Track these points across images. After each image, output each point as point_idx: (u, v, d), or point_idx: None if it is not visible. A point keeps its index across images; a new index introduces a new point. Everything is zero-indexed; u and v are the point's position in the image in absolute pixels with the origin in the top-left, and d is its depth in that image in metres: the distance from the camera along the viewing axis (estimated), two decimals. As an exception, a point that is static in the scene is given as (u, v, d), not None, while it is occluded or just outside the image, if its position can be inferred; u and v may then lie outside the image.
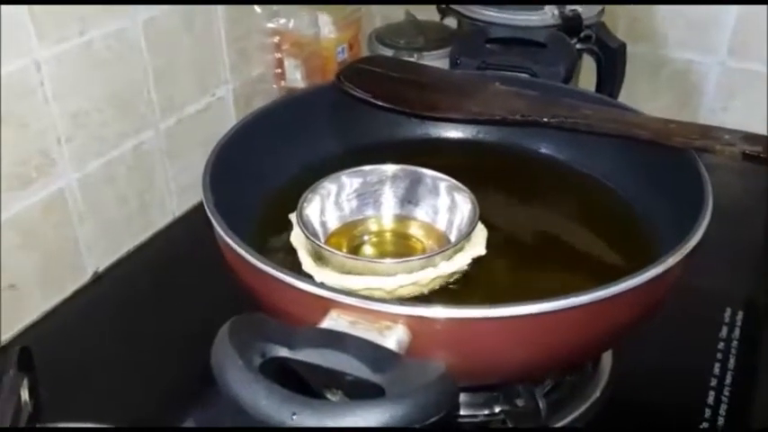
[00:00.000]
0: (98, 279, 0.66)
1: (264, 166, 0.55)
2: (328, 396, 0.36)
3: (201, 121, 0.74)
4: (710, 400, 0.52)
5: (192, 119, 0.73)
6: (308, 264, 0.48)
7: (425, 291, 0.46)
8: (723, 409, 0.51)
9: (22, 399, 0.45)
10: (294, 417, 0.31)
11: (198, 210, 0.74)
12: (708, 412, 0.51)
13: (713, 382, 0.53)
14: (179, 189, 0.74)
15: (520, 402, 0.48)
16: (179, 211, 0.75)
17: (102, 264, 0.67)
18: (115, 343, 0.59)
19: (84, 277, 0.66)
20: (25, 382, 0.46)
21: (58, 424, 0.48)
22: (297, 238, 0.50)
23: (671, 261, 0.40)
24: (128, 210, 0.69)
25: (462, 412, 0.49)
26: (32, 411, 0.46)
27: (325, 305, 0.39)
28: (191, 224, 0.74)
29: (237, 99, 0.78)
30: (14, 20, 0.54)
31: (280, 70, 0.82)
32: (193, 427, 0.51)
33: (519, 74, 0.63)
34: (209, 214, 0.45)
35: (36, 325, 0.61)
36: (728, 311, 0.59)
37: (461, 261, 0.47)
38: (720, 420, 0.51)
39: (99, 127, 0.64)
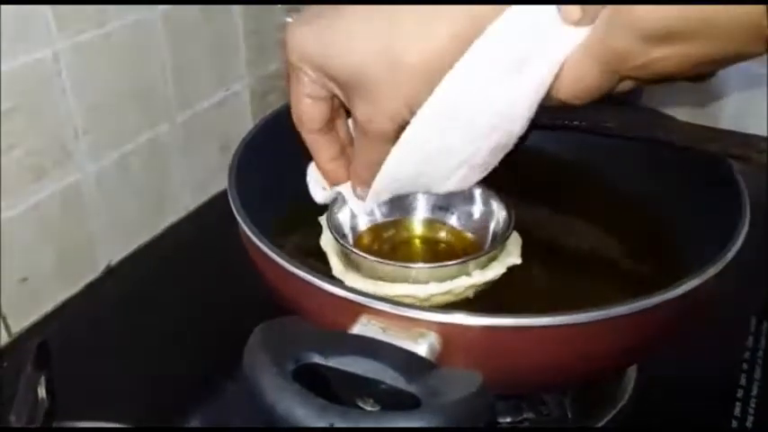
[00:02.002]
0: (110, 272, 0.66)
1: (290, 164, 0.54)
2: (359, 404, 0.35)
3: (217, 115, 0.73)
4: (737, 411, 0.51)
5: (208, 113, 0.72)
6: (337, 268, 0.47)
7: (457, 299, 0.45)
8: (750, 420, 0.51)
9: (39, 396, 0.45)
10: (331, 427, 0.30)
11: (212, 204, 0.74)
12: (735, 423, 0.50)
13: (739, 393, 0.53)
14: (193, 183, 0.73)
15: (545, 411, 0.47)
16: (193, 205, 0.74)
17: (115, 257, 0.67)
18: (127, 337, 0.58)
19: (97, 271, 0.65)
20: (42, 379, 0.45)
21: (75, 423, 0.47)
22: (327, 241, 0.49)
23: (711, 271, 0.39)
24: (142, 203, 0.68)
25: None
26: (49, 408, 0.45)
27: (356, 310, 0.38)
28: (204, 219, 0.73)
29: (253, 94, 0.77)
30: (34, 9, 0.53)
31: (297, 65, 0.81)
32: (196, 427, 0.50)
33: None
34: (236, 214, 0.44)
35: (48, 318, 0.60)
36: (754, 321, 0.58)
37: (497, 270, 0.46)
38: (747, 432, 0.50)
39: (116, 119, 0.63)
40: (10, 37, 0.52)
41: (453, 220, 0.51)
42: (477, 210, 0.51)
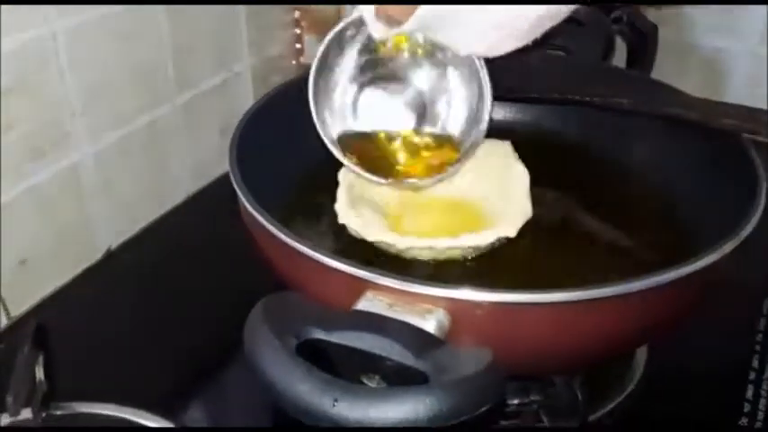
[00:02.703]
0: (110, 256, 0.65)
1: (291, 141, 0.53)
2: (364, 381, 0.34)
3: (218, 96, 0.72)
4: (749, 394, 0.50)
5: (209, 94, 0.71)
6: (342, 201, 0.48)
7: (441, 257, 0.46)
8: (763, 404, 0.49)
9: (37, 377, 0.44)
10: (336, 403, 0.29)
11: (212, 187, 0.73)
12: (747, 407, 0.49)
13: (752, 376, 0.51)
14: (194, 165, 0.72)
15: (554, 393, 0.46)
16: (193, 187, 0.73)
17: (116, 241, 0.66)
18: (126, 320, 0.58)
19: (97, 254, 0.64)
20: (40, 360, 0.44)
21: (74, 405, 0.46)
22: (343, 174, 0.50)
23: (728, 247, 0.38)
24: (141, 186, 0.67)
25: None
26: (47, 390, 0.44)
27: (362, 286, 0.37)
28: (205, 202, 0.72)
29: (255, 75, 0.76)
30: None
31: (299, 46, 0.80)
32: (195, 427, 0.49)
33: (555, 51, 0.60)
34: (238, 190, 0.43)
35: (47, 301, 0.60)
36: (766, 303, 0.57)
37: (485, 237, 0.46)
38: (760, 415, 0.49)
39: (115, 101, 0.62)
40: (7, 17, 0.51)
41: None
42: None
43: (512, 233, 0.47)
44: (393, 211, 0.51)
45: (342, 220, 0.47)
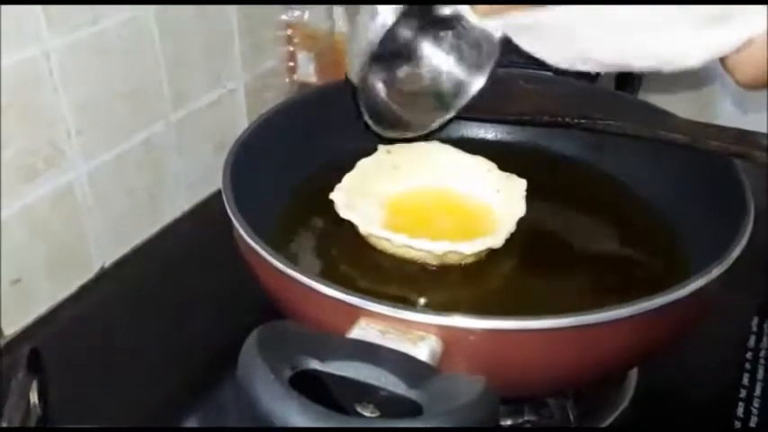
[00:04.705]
0: (105, 274, 0.65)
1: (285, 163, 0.53)
2: (359, 410, 0.34)
3: (212, 113, 0.72)
4: (740, 411, 0.51)
5: (203, 112, 0.71)
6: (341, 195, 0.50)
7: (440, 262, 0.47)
8: (753, 421, 0.50)
9: (31, 402, 0.44)
10: (331, 436, 0.29)
11: (207, 204, 0.73)
12: (737, 424, 0.50)
13: (742, 394, 0.52)
14: (188, 183, 0.72)
15: (547, 413, 0.46)
16: (188, 205, 0.73)
17: (109, 258, 0.66)
18: (121, 339, 0.58)
19: (91, 272, 0.64)
20: (34, 385, 0.44)
21: (66, 426, 0.46)
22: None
23: (716, 271, 0.39)
24: (136, 203, 0.67)
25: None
26: (41, 414, 0.44)
27: (355, 313, 0.37)
28: (199, 219, 0.72)
29: (249, 92, 0.76)
30: (24, 7, 0.52)
31: (292, 63, 0.80)
32: (195, 427, 0.49)
33: (544, 72, 0.61)
34: (231, 215, 0.44)
35: (41, 321, 0.59)
36: (756, 320, 0.58)
37: (476, 246, 0.47)
38: (751, 433, 0.49)
39: (109, 119, 0.62)
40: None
41: None
42: None
43: (498, 244, 0.48)
44: (393, 209, 0.52)
45: (341, 214, 0.48)
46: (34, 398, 0.44)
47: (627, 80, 0.72)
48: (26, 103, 0.54)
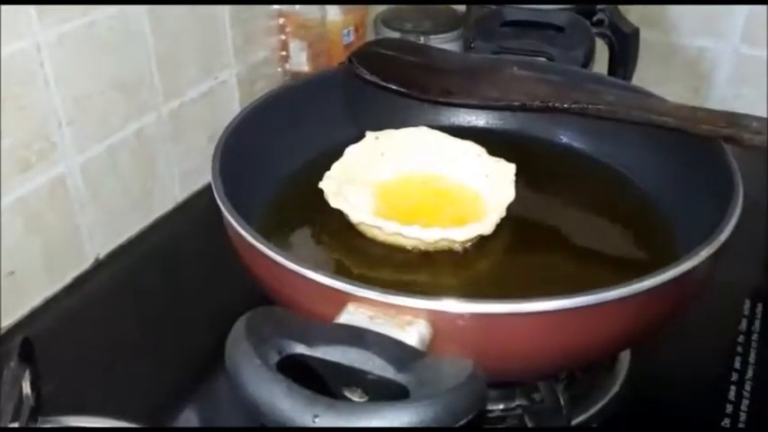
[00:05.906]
0: (99, 266, 0.65)
1: (275, 152, 0.53)
2: (347, 394, 0.34)
3: (205, 104, 0.72)
4: (732, 395, 0.51)
5: (196, 103, 0.71)
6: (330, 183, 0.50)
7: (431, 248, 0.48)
8: (745, 404, 0.50)
9: (24, 392, 0.44)
10: (317, 419, 0.29)
11: (200, 195, 0.73)
12: (729, 408, 0.50)
13: (734, 377, 0.52)
14: (182, 174, 0.72)
15: (538, 397, 0.46)
16: (181, 196, 0.73)
17: (104, 250, 0.66)
18: (116, 330, 0.58)
19: (86, 264, 0.64)
20: (27, 375, 0.44)
21: (61, 419, 0.46)
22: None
23: (705, 253, 0.39)
24: (130, 195, 0.67)
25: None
26: (34, 405, 0.44)
27: (343, 298, 0.37)
28: (193, 210, 0.72)
29: (241, 82, 0.76)
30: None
31: (284, 53, 0.80)
32: (194, 427, 0.50)
33: (536, 58, 0.61)
34: (220, 203, 0.44)
35: (36, 312, 0.60)
36: (747, 303, 0.58)
37: (467, 232, 0.47)
38: (742, 416, 0.49)
39: (101, 110, 0.62)
40: (-10, 30, 0.51)
41: None
42: None
43: (488, 231, 0.48)
44: (382, 196, 0.52)
45: (331, 203, 0.49)
46: (27, 388, 0.44)
47: (620, 62, 0.72)
48: (17, 95, 0.54)
